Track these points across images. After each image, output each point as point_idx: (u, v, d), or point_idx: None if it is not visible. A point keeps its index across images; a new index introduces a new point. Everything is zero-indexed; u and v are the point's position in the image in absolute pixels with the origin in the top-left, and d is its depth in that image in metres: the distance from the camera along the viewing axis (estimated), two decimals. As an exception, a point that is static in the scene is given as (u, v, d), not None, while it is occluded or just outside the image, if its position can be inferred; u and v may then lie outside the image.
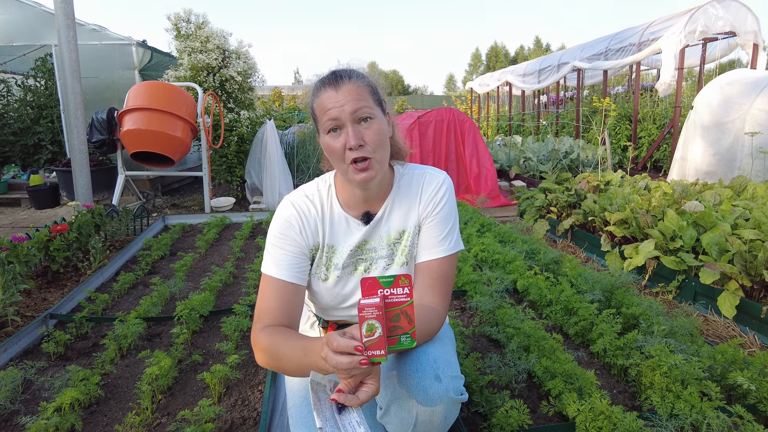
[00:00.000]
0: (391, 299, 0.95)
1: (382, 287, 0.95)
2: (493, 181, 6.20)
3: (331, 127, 1.15)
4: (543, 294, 2.63)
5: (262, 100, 10.35)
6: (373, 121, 1.16)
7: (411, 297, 0.95)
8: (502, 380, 1.91)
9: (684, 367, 1.73)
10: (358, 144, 1.13)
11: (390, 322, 0.96)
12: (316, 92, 1.19)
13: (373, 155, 1.16)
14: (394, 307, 0.96)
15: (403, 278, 0.95)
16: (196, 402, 1.88)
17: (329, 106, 1.14)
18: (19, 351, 2.32)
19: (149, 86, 5.31)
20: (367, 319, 0.91)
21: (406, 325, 0.97)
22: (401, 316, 0.96)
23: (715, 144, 5.34)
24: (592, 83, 12.67)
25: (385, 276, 0.95)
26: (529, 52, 49.75)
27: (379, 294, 0.95)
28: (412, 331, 0.97)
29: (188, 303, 2.50)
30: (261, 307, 1.21)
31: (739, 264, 2.57)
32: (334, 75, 1.18)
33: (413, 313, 0.96)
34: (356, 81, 1.17)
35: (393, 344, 0.97)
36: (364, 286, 0.96)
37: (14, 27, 6.68)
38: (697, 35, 6.93)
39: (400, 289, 0.95)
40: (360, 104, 1.14)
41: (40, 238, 3.21)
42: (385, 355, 0.91)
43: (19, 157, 7.58)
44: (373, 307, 0.90)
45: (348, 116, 1.13)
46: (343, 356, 0.90)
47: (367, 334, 0.91)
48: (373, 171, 1.17)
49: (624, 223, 3.49)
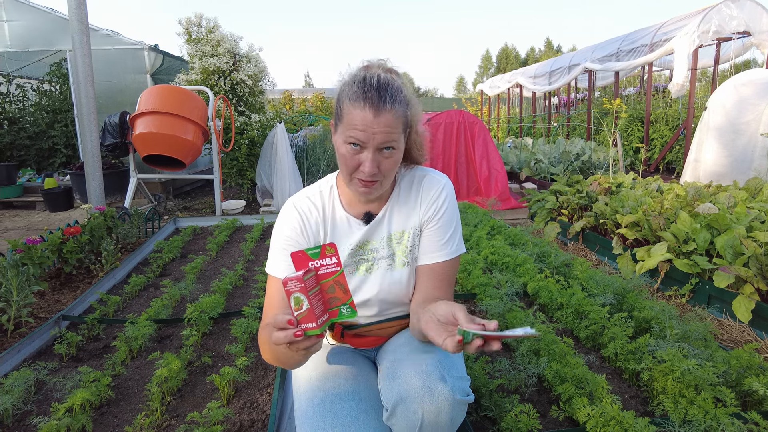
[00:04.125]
0: (322, 270, 0.96)
1: (311, 259, 0.96)
2: (503, 183, 6.17)
3: (352, 142, 1.15)
4: (554, 297, 2.60)
5: (273, 103, 10.40)
6: (393, 152, 1.17)
7: (340, 266, 0.96)
8: (512, 384, 1.89)
9: (697, 372, 1.70)
10: (373, 173, 1.15)
11: (326, 294, 0.97)
12: (352, 97, 1.13)
13: (383, 180, 1.19)
14: (327, 278, 0.96)
15: (329, 248, 0.96)
16: (205, 404, 1.89)
17: (360, 126, 1.11)
18: (33, 352, 2.35)
19: (161, 90, 5.36)
20: (292, 293, 0.91)
21: (342, 295, 0.97)
22: (335, 286, 0.97)
23: (729, 145, 5.26)
24: (604, 85, 12.55)
25: (311, 248, 0.96)
26: (540, 54, 49.54)
27: (310, 266, 0.95)
28: (350, 301, 0.98)
29: (198, 305, 2.51)
30: (266, 307, 1.26)
31: (755, 267, 2.53)
32: (378, 94, 1.12)
33: (346, 283, 0.97)
34: (396, 110, 1.13)
35: (335, 316, 0.98)
36: (294, 259, 0.97)
37: (30, 33, 6.79)
38: (710, 35, 6.84)
39: (328, 260, 0.96)
40: (390, 138, 1.13)
41: (54, 240, 3.25)
42: (317, 327, 0.92)
43: (34, 160, 7.71)
44: (295, 280, 0.90)
45: (375, 145, 1.13)
46: (280, 331, 0.92)
47: (295, 307, 0.92)
48: (375, 191, 1.21)
49: (636, 226, 3.45)
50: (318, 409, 1.17)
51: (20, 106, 7.82)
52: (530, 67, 13.71)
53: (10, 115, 7.62)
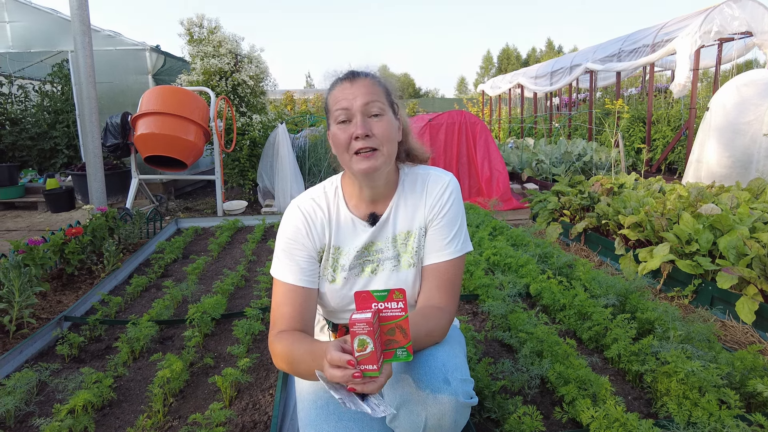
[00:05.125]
0: (385, 313, 0.95)
1: (375, 301, 0.95)
2: (505, 184, 6.16)
3: (341, 119, 1.17)
4: (556, 298, 2.60)
5: (274, 104, 10.41)
6: (383, 117, 1.19)
7: (405, 311, 0.95)
8: (515, 386, 1.88)
9: (701, 373, 1.69)
10: (365, 134, 1.15)
11: (385, 336, 0.96)
12: (331, 87, 1.24)
13: (380, 147, 1.18)
14: (389, 321, 0.95)
15: (397, 293, 0.94)
16: (207, 405, 1.88)
17: (341, 98, 1.18)
18: (35, 353, 2.35)
19: (162, 91, 5.37)
20: (358, 335, 0.90)
21: (402, 339, 0.96)
22: (396, 330, 0.96)
23: (731, 146, 5.24)
24: (605, 85, 12.55)
25: (379, 290, 0.95)
26: (541, 54, 49.53)
27: (373, 308, 0.94)
28: (408, 345, 0.96)
29: (200, 306, 2.51)
30: (275, 313, 1.24)
31: (758, 268, 2.52)
32: (351, 72, 1.23)
33: (408, 327, 0.95)
34: (371, 79, 1.21)
35: (389, 357, 0.97)
36: (357, 299, 0.96)
37: (32, 34, 6.80)
38: (712, 35, 6.82)
39: (394, 304, 0.95)
40: (372, 98, 1.17)
41: (56, 241, 3.25)
42: (377, 369, 0.91)
43: (36, 161, 7.72)
44: (364, 322, 0.90)
45: (359, 108, 1.16)
46: (337, 369, 0.91)
47: (359, 349, 0.91)
48: (377, 161, 1.17)
49: (638, 227, 3.44)
50: (321, 411, 1.16)
51: (22, 106, 7.83)
52: (532, 68, 13.71)
53: (12, 115, 7.63)
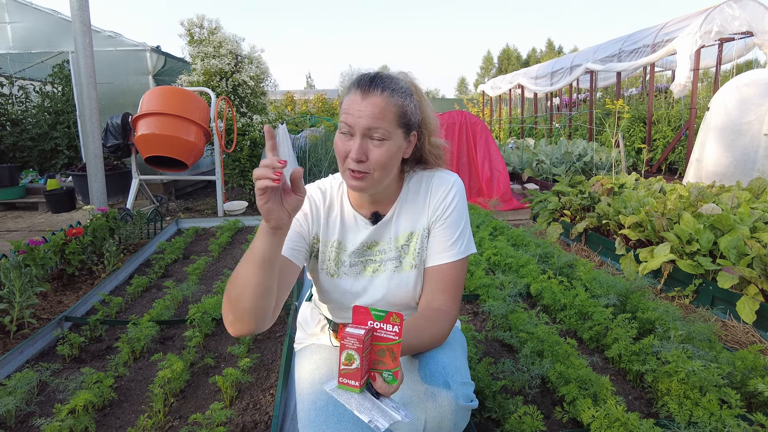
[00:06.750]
0: (379, 333, 0.95)
1: (372, 319, 0.95)
2: (505, 184, 6.15)
3: (343, 130, 1.16)
4: (557, 298, 2.59)
5: (275, 104, 10.40)
6: (384, 143, 1.14)
7: (399, 336, 0.94)
8: (515, 386, 1.88)
9: (702, 373, 1.69)
10: (359, 159, 1.13)
11: (375, 356, 0.95)
12: (348, 89, 1.17)
13: (372, 173, 1.15)
14: (382, 342, 0.95)
15: (395, 316, 0.94)
16: (207, 405, 1.88)
17: (348, 111, 1.13)
18: (35, 353, 2.35)
19: (163, 91, 5.37)
20: (347, 348, 0.90)
21: (390, 362, 0.95)
22: (386, 352, 0.95)
23: (731, 146, 5.24)
24: (605, 85, 12.55)
25: (378, 309, 0.95)
26: (542, 55, 49.53)
27: (368, 325, 0.94)
28: (396, 370, 0.95)
29: (201, 306, 2.51)
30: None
31: (759, 268, 2.52)
32: (370, 80, 1.14)
33: (399, 353, 0.95)
34: (386, 97, 1.13)
35: (374, 379, 0.96)
36: (355, 313, 0.95)
37: (33, 34, 6.80)
38: (713, 35, 6.82)
39: (389, 326, 0.94)
40: (376, 124, 1.11)
41: (56, 241, 3.25)
42: (358, 387, 0.91)
43: (36, 161, 7.72)
44: (356, 338, 0.90)
45: (360, 129, 1.12)
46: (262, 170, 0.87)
47: (345, 362, 0.91)
48: (366, 184, 1.17)
49: (639, 227, 3.44)
50: (321, 413, 1.16)
51: (23, 107, 7.84)
52: (532, 68, 13.71)
53: (12, 116, 7.63)
